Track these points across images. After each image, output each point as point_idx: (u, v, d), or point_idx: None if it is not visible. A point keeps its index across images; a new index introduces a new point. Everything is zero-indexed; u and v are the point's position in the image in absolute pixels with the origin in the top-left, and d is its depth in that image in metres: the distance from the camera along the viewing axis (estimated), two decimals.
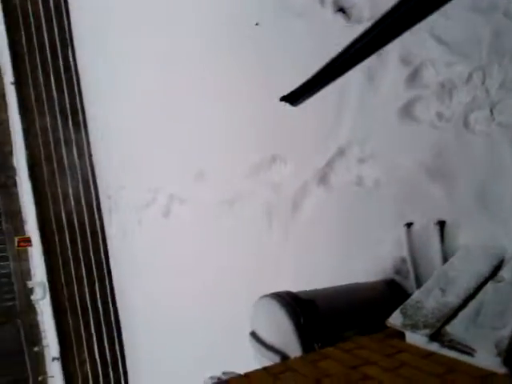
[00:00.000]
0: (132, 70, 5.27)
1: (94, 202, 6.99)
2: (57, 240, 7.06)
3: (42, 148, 6.96)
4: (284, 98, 2.37)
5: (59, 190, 6.92)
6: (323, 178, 3.02)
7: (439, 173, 2.31)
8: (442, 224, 2.24)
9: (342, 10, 2.88)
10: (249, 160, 3.64)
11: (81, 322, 7.10)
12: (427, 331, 1.74)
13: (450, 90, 2.32)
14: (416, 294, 2.00)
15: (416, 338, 1.77)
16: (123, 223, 5.98)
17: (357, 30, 2.70)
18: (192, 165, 4.29)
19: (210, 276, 4.01)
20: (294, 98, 2.36)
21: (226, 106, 3.83)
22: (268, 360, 2.23)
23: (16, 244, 8.14)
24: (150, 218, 5.10)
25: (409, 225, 2.41)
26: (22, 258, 8.65)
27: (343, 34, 2.79)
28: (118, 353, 7.05)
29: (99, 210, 6.95)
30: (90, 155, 6.90)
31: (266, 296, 2.32)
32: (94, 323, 7.04)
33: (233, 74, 3.73)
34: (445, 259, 2.16)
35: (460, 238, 2.17)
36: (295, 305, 2.19)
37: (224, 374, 2.79)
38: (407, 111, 2.51)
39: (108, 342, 7.05)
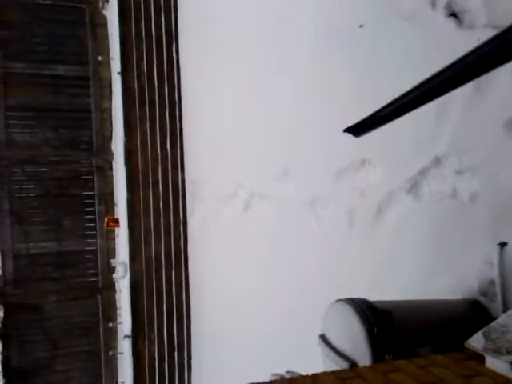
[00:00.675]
0: (230, 68, 5.42)
1: (180, 190, 7.27)
2: (142, 224, 7.43)
3: (139, 136, 7.37)
4: (348, 130, 2.32)
5: (150, 176, 7.29)
6: (414, 187, 2.90)
7: None
8: None
9: (454, 14, 2.75)
10: (336, 161, 3.59)
11: (154, 304, 7.40)
12: (510, 358, 1.61)
13: None
14: (502, 318, 1.86)
15: (497, 364, 1.65)
16: (204, 214, 6.17)
17: (470, 36, 2.60)
18: (277, 162, 4.32)
19: (284, 274, 4.02)
20: (359, 129, 2.30)
21: (320, 107, 3.80)
22: (335, 364, 2.19)
23: (105, 224, 8.66)
24: (230, 210, 5.21)
25: (502, 244, 2.24)
26: (110, 237, 9.20)
27: (455, 39, 2.69)
28: (185, 338, 7.27)
29: (184, 198, 7.22)
30: (182, 146, 7.18)
31: (341, 300, 2.28)
32: (167, 307, 7.31)
33: (331, 75, 3.70)
34: None
35: None
36: (370, 313, 2.13)
37: (287, 372, 2.78)
38: None
39: (177, 327, 7.29)
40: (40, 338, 9.07)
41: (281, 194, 4.28)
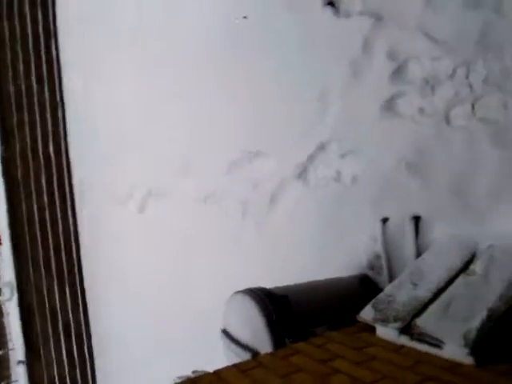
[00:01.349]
0: (120, 60, 5.14)
1: (68, 196, 6.81)
2: (27, 239, 6.86)
3: (17, 143, 6.78)
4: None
5: (32, 185, 6.72)
6: (302, 173, 2.98)
7: (418, 168, 2.30)
8: (417, 219, 2.22)
9: (331, 3, 2.85)
10: (229, 156, 3.58)
11: (49, 324, 6.88)
12: (397, 325, 1.71)
13: (433, 86, 2.31)
14: (388, 289, 1.96)
15: (386, 332, 1.74)
16: (97, 218, 5.85)
17: (346, 24, 2.71)
18: (171, 160, 4.20)
19: (185, 272, 3.93)
20: None
21: (209, 102, 3.76)
22: (238, 357, 2.16)
23: None
24: (124, 212, 4.98)
25: (384, 220, 2.38)
26: None
27: (332, 27, 2.79)
28: (87, 354, 6.85)
29: (73, 204, 6.77)
30: (67, 149, 6.72)
31: (239, 292, 2.26)
32: (63, 324, 6.82)
33: (217, 69, 3.68)
34: (418, 254, 2.14)
35: (434, 233, 2.15)
36: (268, 301, 2.14)
37: (194, 372, 2.71)
38: (390, 106, 2.50)
39: (76, 344, 6.84)
40: None
41: (176, 192, 4.17)
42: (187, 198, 4.05)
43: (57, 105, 6.88)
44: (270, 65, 3.21)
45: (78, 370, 6.94)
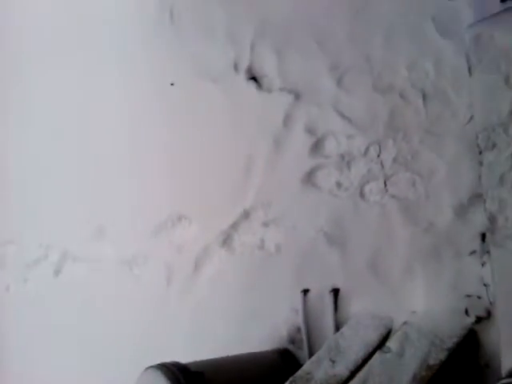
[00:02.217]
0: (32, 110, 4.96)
1: None
2: None
3: None
4: None
5: None
6: (226, 240, 2.95)
7: (336, 240, 2.36)
8: (336, 292, 2.24)
9: (254, 78, 2.97)
10: (152, 218, 3.49)
11: None
12: None
13: (348, 162, 2.43)
14: (306, 365, 1.93)
15: None
16: (7, 281, 5.40)
17: (268, 98, 2.84)
18: (90, 220, 4.02)
19: (99, 343, 3.67)
20: None
21: (132, 160, 3.71)
22: None
23: None
24: (38, 276, 4.64)
25: (305, 292, 2.38)
26: None
27: (256, 101, 2.90)
28: None
29: None
30: None
31: (152, 367, 2.14)
32: None
33: (143, 128, 3.66)
34: (337, 328, 2.14)
35: (353, 306, 2.17)
36: (182, 376, 2.03)
37: None
38: (310, 179, 2.58)
39: None
40: None
41: (96, 254, 3.97)
42: (109, 259, 3.88)
43: None
44: (197, 130, 3.25)
45: None
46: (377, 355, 1.77)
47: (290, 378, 1.87)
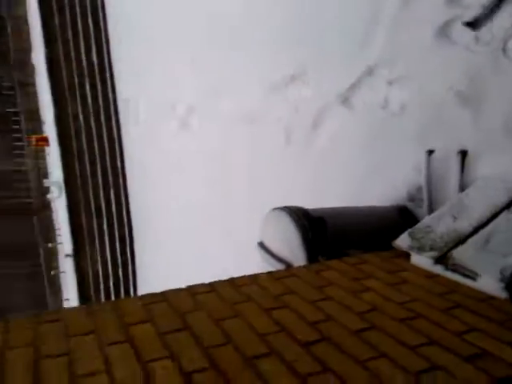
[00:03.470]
0: None
1: (112, 107, 6.94)
2: (74, 141, 7.12)
3: (60, 46, 6.79)
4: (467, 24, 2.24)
5: (77, 89, 6.85)
6: (347, 99, 2.93)
7: (469, 99, 2.23)
8: (463, 153, 2.19)
9: None
10: (269, 77, 3.53)
11: (94, 221, 7.33)
12: (433, 254, 1.76)
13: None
14: (427, 219, 2.00)
15: (421, 260, 1.80)
16: (140, 132, 5.97)
17: None
18: (212, 80, 4.18)
19: (224, 186, 4.05)
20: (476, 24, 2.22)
21: (250, 19, 3.65)
22: (273, 268, 2.30)
23: (33, 142, 8.23)
24: (167, 129, 5.07)
25: (430, 152, 2.36)
26: (40, 157, 8.78)
27: None
28: (129, 253, 7.35)
29: (117, 115, 6.92)
30: (110, 58, 6.73)
31: (277, 208, 2.35)
32: (107, 223, 7.27)
33: None
34: (462, 189, 2.14)
35: (480, 169, 2.13)
36: (304, 219, 2.22)
37: None
38: (443, 32, 2.37)
39: (119, 243, 7.32)
40: None
41: (217, 111, 4.19)
42: (228, 117, 4.07)
43: (97, 7, 6.77)
44: None
45: (120, 268, 7.47)
46: (503, 215, 1.77)
47: (409, 230, 1.96)
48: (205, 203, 4.37)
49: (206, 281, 1.99)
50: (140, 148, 6.27)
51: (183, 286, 1.66)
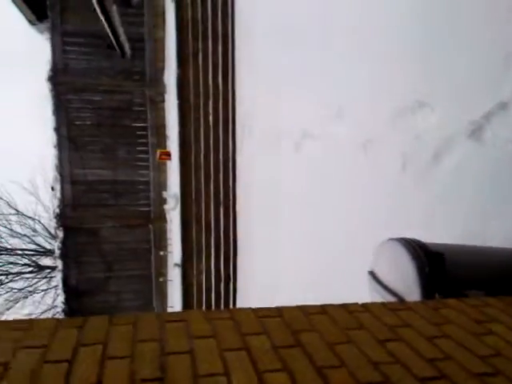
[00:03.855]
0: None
1: (231, 128, 7.30)
2: (193, 158, 7.59)
3: (191, 68, 7.34)
4: None
5: (201, 110, 7.33)
6: (475, 131, 2.80)
7: None
8: None
9: None
10: (392, 103, 3.49)
11: (203, 236, 7.69)
12: None
13: None
14: None
15: None
16: (253, 151, 6.19)
17: None
18: (330, 102, 4.23)
19: (335, 213, 4.05)
20: None
21: (372, 44, 3.65)
22: (384, 300, 2.24)
23: (157, 156, 8.90)
24: (280, 150, 5.21)
25: None
26: (161, 169, 9.47)
27: None
28: (231, 270, 7.57)
29: (234, 136, 7.26)
30: (234, 80, 7.12)
31: (393, 239, 2.30)
32: (215, 239, 7.58)
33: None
34: None
35: None
36: (422, 253, 2.14)
37: None
38: None
39: (224, 259, 7.59)
40: (95, 260, 9.71)
41: (333, 134, 4.22)
42: (343, 143, 4.08)
43: (228, 36, 7.23)
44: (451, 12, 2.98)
45: (222, 283, 7.72)
46: None
47: None
48: (314, 227, 4.39)
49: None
50: (251, 170, 6.50)
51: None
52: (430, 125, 3.21)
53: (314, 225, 4.43)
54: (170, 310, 9.51)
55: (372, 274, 2.44)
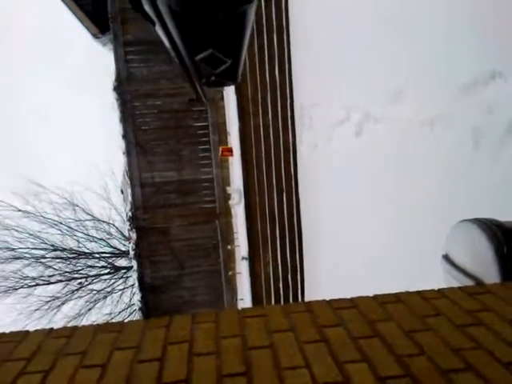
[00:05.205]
0: None
1: (289, 117, 7.29)
2: (254, 152, 7.66)
3: (247, 63, 7.37)
4: None
5: (260, 104, 7.37)
6: None
7: None
8: None
9: None
10: (460, 77, 3.33)
11: (268, 228, 7.76)
12: None
13: None
14: None
15: None
16: (314, 140, 6.16)
17: None
18: (390, 81, 4.11)
19: (403, 197, 3.96)
20: None
21: (438, 14, 3.50)
22: (459, 283, 2.18)
23: (220, 153, 9.08)
24: (341, 136, 5.15)
25: None
26: (224, 166, 9.66)
27: None
28: (298, 260, 7.60)
29: (293, 125, 7.25)
30: (290, 72, 7.09)
31: (467, 220, 2.22)
32: (280, 230, 7.63)
33: None
34: None
35: None
36: (499, 232, 2.06)
37: None
38: None
39: (290, 249, 7.62)
40: (168, 258, 10.10)
41: (396, 116, 4.11)
42: (409, 121, 3.96)
43: (282, 28, 7.18)
44: None
45: (289, 274, 7.77)
46: None
47: None
48: (381, 212, 4.31)
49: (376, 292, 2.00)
50: (312, 156, 6.47)
51: (350, 295, 1.68)
52: (503, 96, 3.05)
53: (381, 210, 4.35)
54: (240, 302, 9.72)
55: (446, 257, 2.37)
